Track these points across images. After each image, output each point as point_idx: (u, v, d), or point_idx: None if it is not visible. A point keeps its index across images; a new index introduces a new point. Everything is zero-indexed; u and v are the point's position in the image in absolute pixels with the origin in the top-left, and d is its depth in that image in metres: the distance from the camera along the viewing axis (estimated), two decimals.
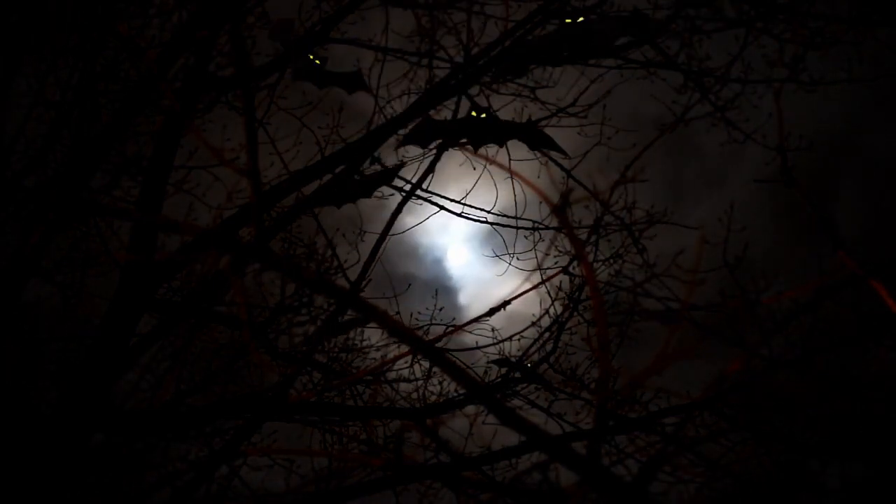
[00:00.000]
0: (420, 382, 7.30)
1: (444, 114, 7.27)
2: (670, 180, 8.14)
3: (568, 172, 7.33)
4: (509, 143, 7.26)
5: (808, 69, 7.24)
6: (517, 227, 7.25)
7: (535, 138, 6.79)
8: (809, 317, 7.06)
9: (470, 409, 7.36)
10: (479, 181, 7.19)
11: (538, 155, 7.34)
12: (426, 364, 7.29)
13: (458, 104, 7.21)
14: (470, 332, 7.23)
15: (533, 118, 7.25)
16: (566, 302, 7.40)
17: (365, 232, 7.17)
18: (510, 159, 7.22)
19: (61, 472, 6.56)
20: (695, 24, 7.23)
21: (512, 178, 7.22)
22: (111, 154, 7.08)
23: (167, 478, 7.06)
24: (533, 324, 7.37)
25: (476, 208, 7.18)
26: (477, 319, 7.16)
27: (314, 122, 7.23)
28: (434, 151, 7.22)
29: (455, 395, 7.31)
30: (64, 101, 6.96)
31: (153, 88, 6.91)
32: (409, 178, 7.19)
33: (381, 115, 7.19)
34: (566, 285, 7.42)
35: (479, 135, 6.74)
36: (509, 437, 7.27)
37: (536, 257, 7.34)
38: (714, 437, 7.42)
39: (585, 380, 7.58)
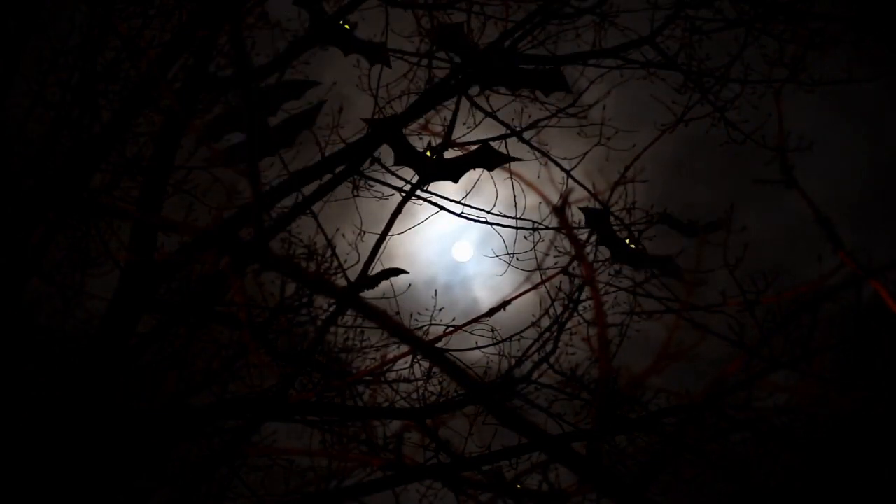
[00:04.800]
0: (420, 382, 7.30)
1: (444, 114, 7.29)
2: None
3: (568, 172, 7.34)
4: (509, 142, 7.29)
5: (808, 69, 7.25)
6: (517, 228, 7.25)
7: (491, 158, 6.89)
8: (809, 317, 7.06)
9: (470, 409, 7.37)
10: (479, 181, 7.19)
11: (538, 155, 7.35)
12: (426, 364, 7.29)
13: (457, 104, 7.21)
14: (470, 333, 7.23)
15: (532, 118, 7.29)
16: (566, 302, 7.40)
17: (365, 232, 7.17)
18: (510, 159, 7.22)
19: (62, 473, 6.57)
20: (695, 24, 7.24)
21: (512, 178, 7.22)
22: (111, 154, 7.09)
23: (167, 478, 7.06)
24: (533, 324, 7.37)
25: (476, 208, 7.19)
26: (477, 319, 7.17)
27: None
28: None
29: (455, 395, 7.31)
30: (64, 101, 6.96)
31: (153, 88, 6.92)
32: (409, 178, 7.20)
33: (381, 116, 7.19)
34: (566, 285, 7.43)
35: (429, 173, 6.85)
36: (510, 437, 7.29)
37: (536, 257, 7.34)
38: (714, 437, 7.43)
39: (585, 380, 7.58)
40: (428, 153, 6.80)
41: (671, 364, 8.21)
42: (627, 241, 7.07)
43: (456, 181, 6.94)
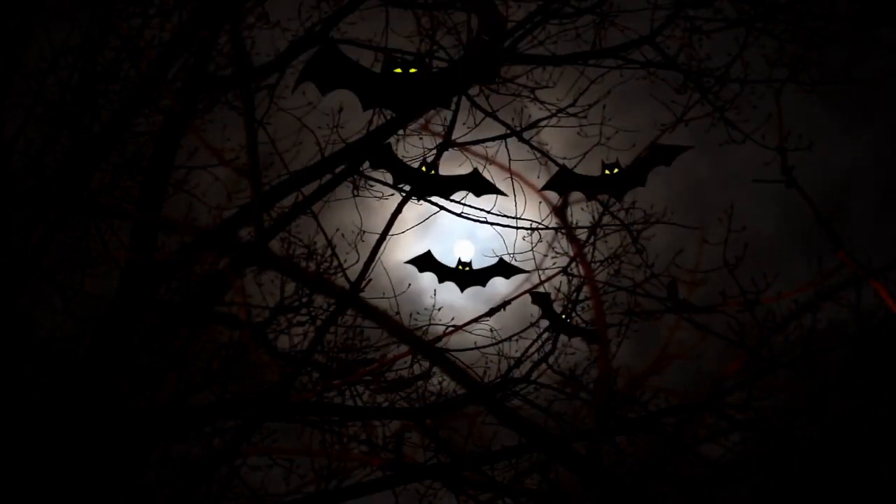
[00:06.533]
0: (420, 382, 7.30)
1: (444, 114, 7.28)
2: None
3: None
4: (509, 142, 7.29)
5: (808, 69, 7.26)
6: (517, 228, 7.24)
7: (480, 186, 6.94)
8: (809, 317, 7.07)
9: (470, 408, 7.38)
10: None
11: (538, 155, 7.34)
12: (426, 364, 7.30)
13: (457, 104, 7.21)
14: (470, 333, 7.23)
15: (533, 118, 7.28)
16: (565, 302, 7.40)
17: (365, 232, 7.17)
18: (510, 159, 7.23)
19: (62, 473, 6.57)
20: (695, 24, 7.25)
21: (512, 178, 7.21)
22: (111, 154, 7.09)
23: (167, 478, 7.06)
24: (532, 324, 7.37)
25: (476, 208, 7.18)
26: (477, 319, 7.18)
27: (314, 122, 7.24)
28: (434, 152, 7.23)
29: (455, 394, 7.33)
30: (64, 101, 6.96)
31: (153, 88, 6.92)
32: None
33: (382, 115, 7.18)
34: (565, 285, 7.43)
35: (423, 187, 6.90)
36: (510, 437, 7.30)
37: (535, 258, 7.34)
38: (714, 437, 7.44)
39: (585, 380, 7.59)
40: (423, 168, 6.88)
41: (671, 364, 8.24)
42: (563, 316, 7.26)
43: (447, 198, 7.00)
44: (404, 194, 7.18)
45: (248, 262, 7.12)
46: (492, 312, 7.18)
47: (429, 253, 7.22)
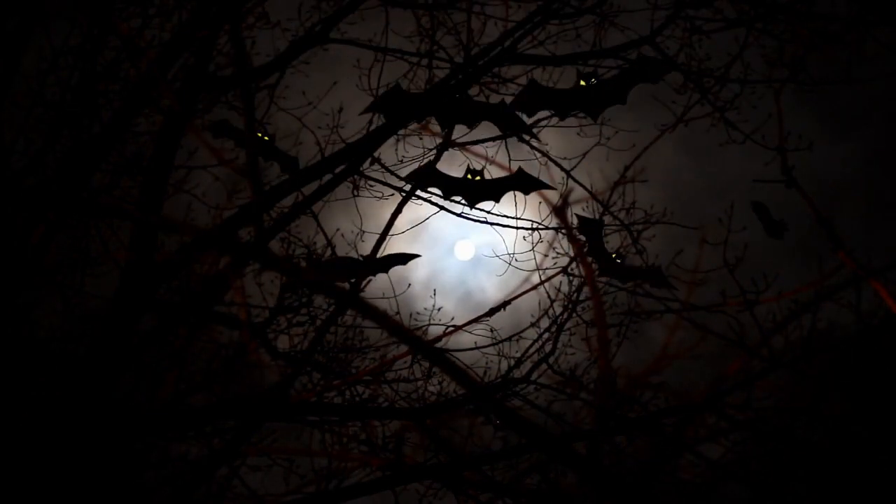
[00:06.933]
0: (420, 382, 7.31)
1: None
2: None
3: (568, 173, 7.33)
4: (509, 142, 7.28)
5: (808, 69, 7.27)
6: (517, 228, 7.24)
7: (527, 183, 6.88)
8: (809, 317, 7.07)
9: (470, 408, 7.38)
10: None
11: (538, 155, 7.34)
12: (426, 364, 7.30)
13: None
14: (470, 333, 7.24)
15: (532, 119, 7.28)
16: (565, 303, 7.40)
17: (365, 232, 7.18)
18: (510, 159, 7.23)
19: (62, 473, 6.57)
20: (695, 24, 7.25)
21: None
22: (111, 154, 7.10)
23: (167, 478, 7.06)
24: (532, 324, 7.37)
25: (476, 208, 7.18)
26: (477, 319, 7.18)
27: (314, 122, 7.25)
28: (434, 153, 7.23)
29: (455, 395, 7.33)
30: (64, 101, 6.97)
31: (153, 88, 6.93)
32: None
33: (382, 116, 7.19)
34: (565, 286, 7.42)
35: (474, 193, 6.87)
36: (510, 437, 7.30)
37: (535, 258, 7.34)
38: (714, 437, 7.44)
39: (585, 380, 7.59)
40: (469, 176, 6.82)
41: (671, 364, 8.24)
42: (613, 255, 7.05)
43: (498, 201, 6.95)
44: (404, 194, 7.20)
45: (249, 262, 7.14)
46: (492, 312, 7.19)
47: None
